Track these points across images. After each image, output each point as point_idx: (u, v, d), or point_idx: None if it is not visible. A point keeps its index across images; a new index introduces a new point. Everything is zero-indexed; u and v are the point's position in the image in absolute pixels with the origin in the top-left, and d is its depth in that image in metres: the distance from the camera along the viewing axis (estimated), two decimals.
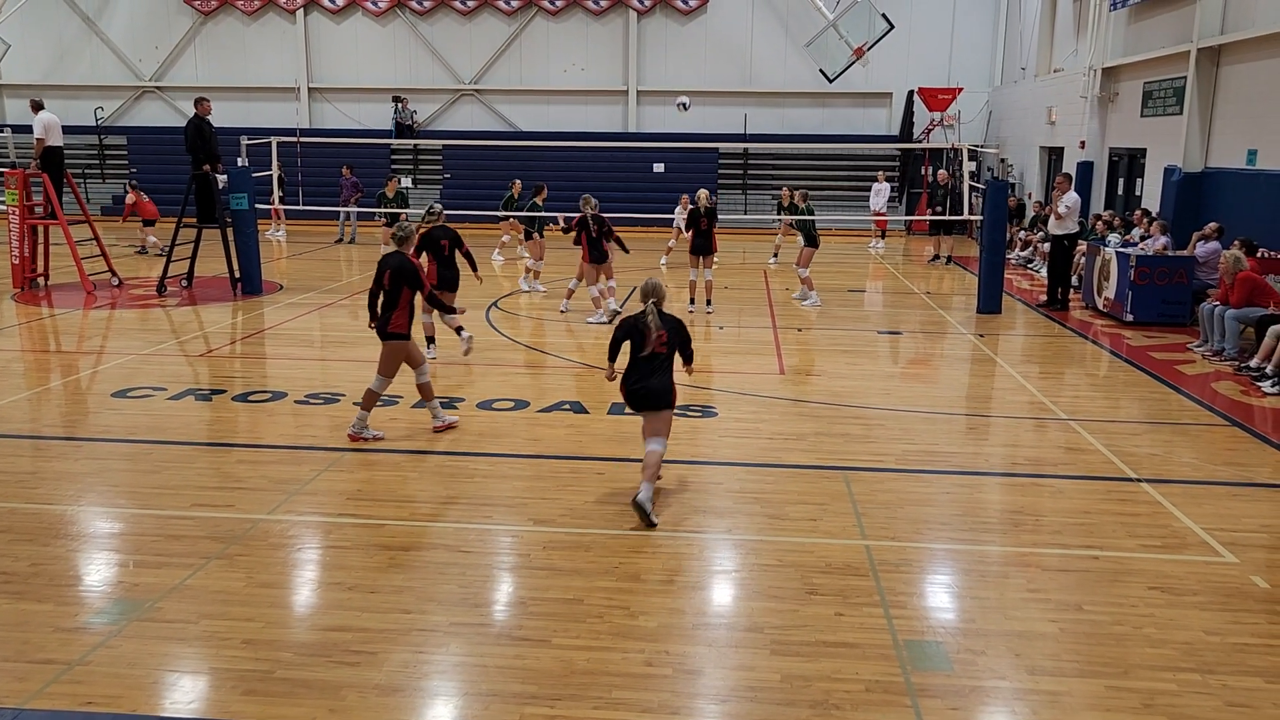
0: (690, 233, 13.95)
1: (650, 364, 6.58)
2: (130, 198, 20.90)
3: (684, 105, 19.28)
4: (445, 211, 11.22)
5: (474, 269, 11.21)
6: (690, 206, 14.56)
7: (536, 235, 15.71)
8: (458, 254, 10.84)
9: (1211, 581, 5.61)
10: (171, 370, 10.40)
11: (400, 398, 9.28)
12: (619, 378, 6.76)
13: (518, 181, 17.94)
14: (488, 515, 6.52)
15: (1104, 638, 4.97)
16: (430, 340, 10.81)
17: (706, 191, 13.97)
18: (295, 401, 9.20)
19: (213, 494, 6.81)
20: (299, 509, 6.55)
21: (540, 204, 15.64)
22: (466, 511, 6.58)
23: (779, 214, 19.67)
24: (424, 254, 10.53)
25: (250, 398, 9.34)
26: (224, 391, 9.56)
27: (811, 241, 14.93)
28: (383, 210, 19.27)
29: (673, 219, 19.23)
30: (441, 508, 6.64)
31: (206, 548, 5.89)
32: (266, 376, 10.36)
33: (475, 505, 6.69)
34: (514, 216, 17.69)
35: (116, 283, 15.55)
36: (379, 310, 8.09)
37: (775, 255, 19.83)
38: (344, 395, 9.39)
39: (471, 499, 6.80)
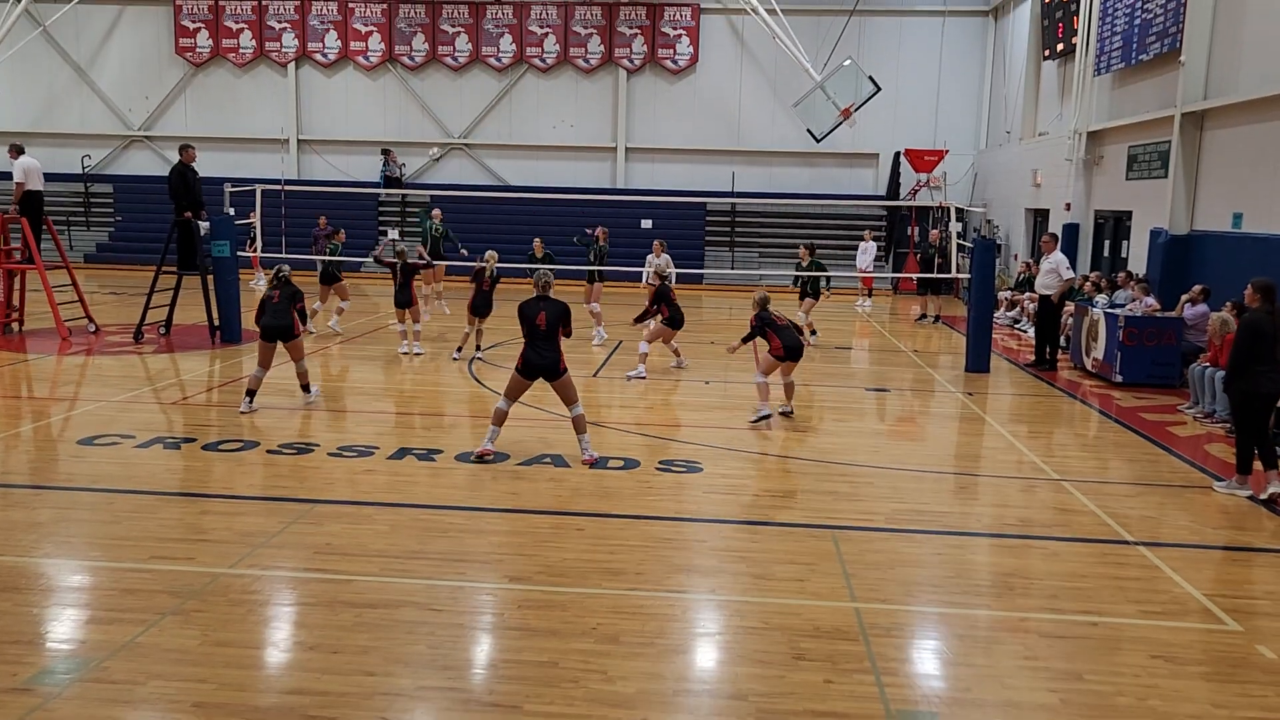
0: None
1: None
2: None
3: (435, 157, 20.08)
4: (435, 263, 11.28)
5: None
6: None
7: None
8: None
9: (1216, 651, 5.38)
10: (143, 418, 10.12)
11: (375, 448, 9.03)
12: None
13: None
14: (461, 571, 6.25)
15: (1107, 710, 4.73)
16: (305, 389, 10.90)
17: (495, 253, 13.80)
18: (267, 451, 8.93)
19: (173, 546, 6.51)
20: (263, 563, 6.26)
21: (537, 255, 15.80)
22: (439, 567, 6.30)
23: (799, 279, 16.95)
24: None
25: (221, 447, 9.06)
26: (194, 440, 9.28)
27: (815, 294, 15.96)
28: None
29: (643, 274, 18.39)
30: (413, 563, 6.36)
31: (162, 603, 5.59)
32: (240, 426, 10.08)
33: (449, 561, 6.42)
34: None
35: (93, 329, 15.30)
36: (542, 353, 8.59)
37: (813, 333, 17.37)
38: (318, 445, 9.13)
39: (445, 554, 6.53)
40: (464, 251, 17.49)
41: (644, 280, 17.76)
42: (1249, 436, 8.27)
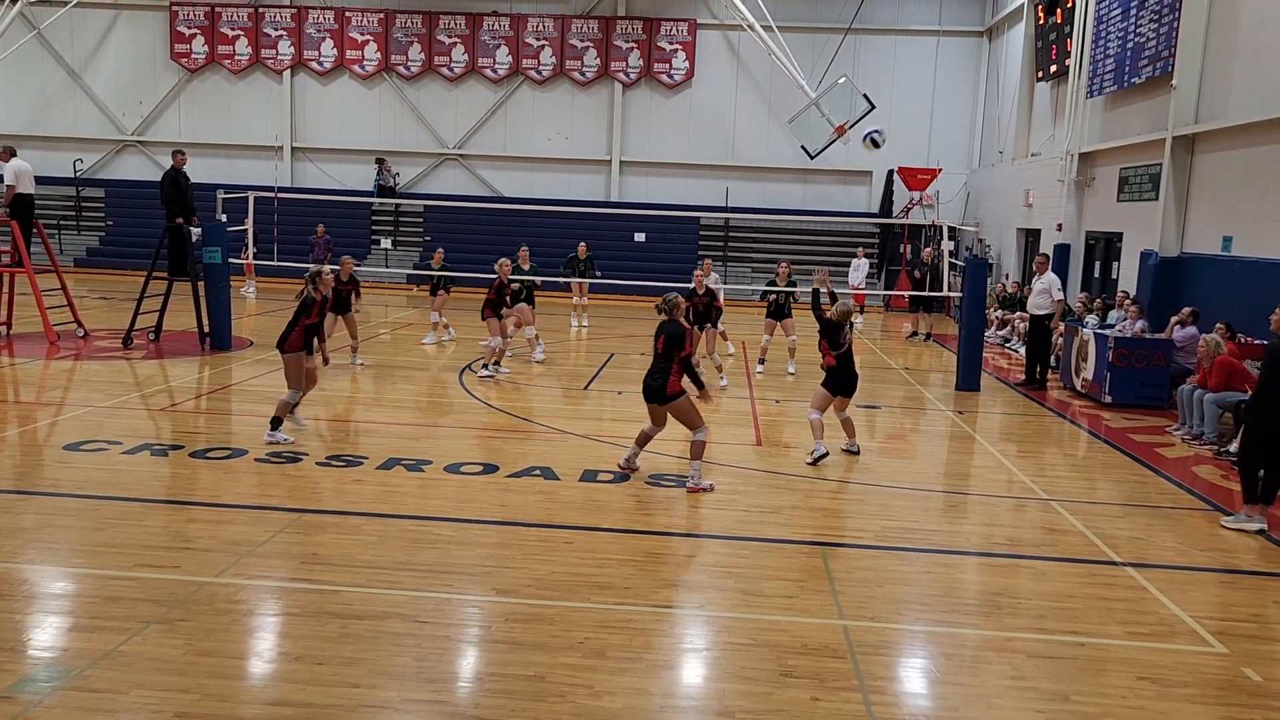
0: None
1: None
2: None
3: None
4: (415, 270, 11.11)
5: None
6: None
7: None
8: None
9: (1202, 673, 5.38)
10: (130, 424, 10.06)
11: (365, 458, 8.99)
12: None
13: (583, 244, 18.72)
14: (449, 584, 6.22)
15: None
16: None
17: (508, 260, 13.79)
18: (256, 459, 8.88)
19: (159, 554, 6.47)
20: (249, 572, 6.22)
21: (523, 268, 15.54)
22: (426, 579, 6.27)
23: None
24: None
25: (209, 454, 9.01)
26: (182, 447, 9.22)
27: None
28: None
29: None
30: (400, 574, 6.32)
31: (146, 611, 5.55)
32: (229, 433, 10.03)
33: (436, 572, 6.38)
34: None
35: (82, 334, 15.23)
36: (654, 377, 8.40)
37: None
38: (306, 454, 9.08)
39: (433, 566, 6.49)
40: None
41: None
42: (1255, 466, 8.00)
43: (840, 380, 9.62)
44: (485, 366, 13.40)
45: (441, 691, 4.87)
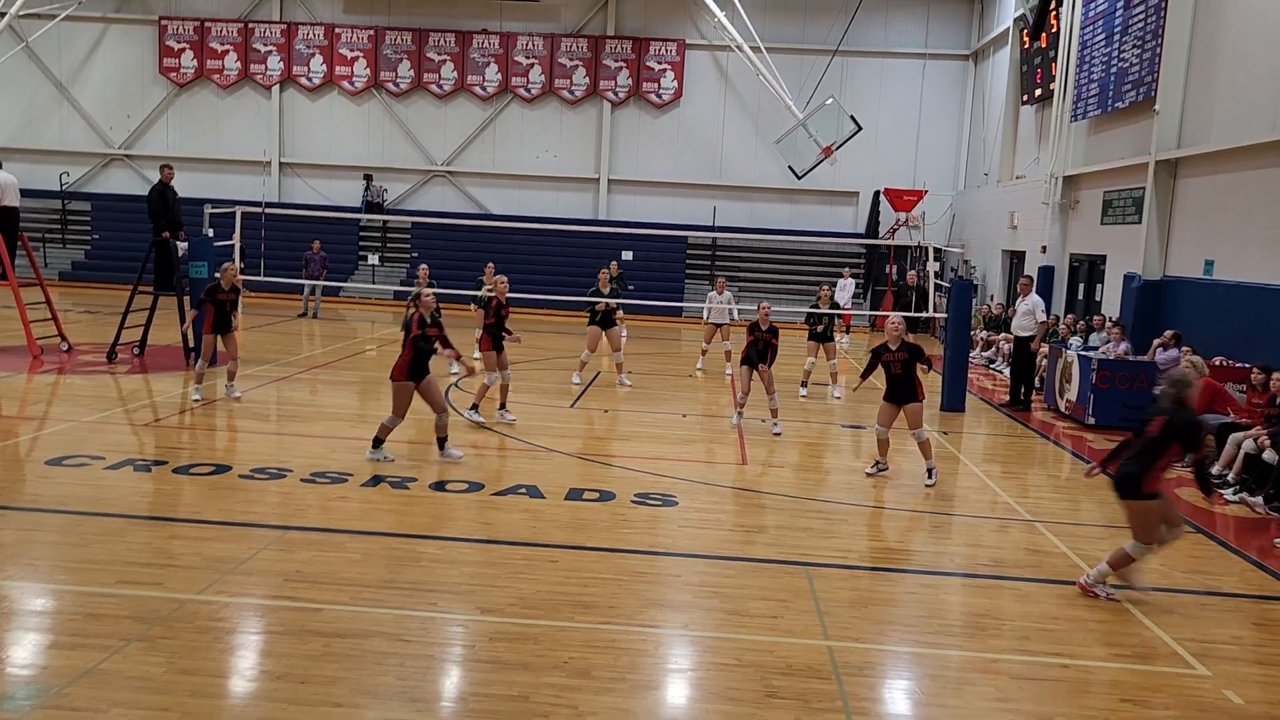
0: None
1: None
2: None
3: None
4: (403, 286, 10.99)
5: None
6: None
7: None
8: None
9: (1185, 695, 5.40)
10: (113, 439, 10.00)
11: (349, 475, 8.96)
12: None
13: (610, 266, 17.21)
14: (433, 602, 6.19)
15: None
16: None
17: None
18: (240, 476, 8.84)
19: (141, 571, 6.42)
20: (232, 589, 6.18)
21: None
22: (410, 597, 6.24)
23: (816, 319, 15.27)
24: None
25: (192, 470, 8.96)
26: (165, 463, 9.17)
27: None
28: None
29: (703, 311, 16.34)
30: (384, 592, 6.29)
31: (128, 629, 5.51)
32: (214, 449, 9.99)
33: (420, 591, 6.36)
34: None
35: (66, 348, 15.14)
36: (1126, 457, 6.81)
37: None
38: (291, 471, 9.04)
39: (417, 584, 6.47)
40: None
41: (705, 318, 16.18)
42: None
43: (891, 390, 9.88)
44: (474, 408, 11.58)
45: (424, 711, 4.85)
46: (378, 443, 9.60)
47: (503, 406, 11.78)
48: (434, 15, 28.66)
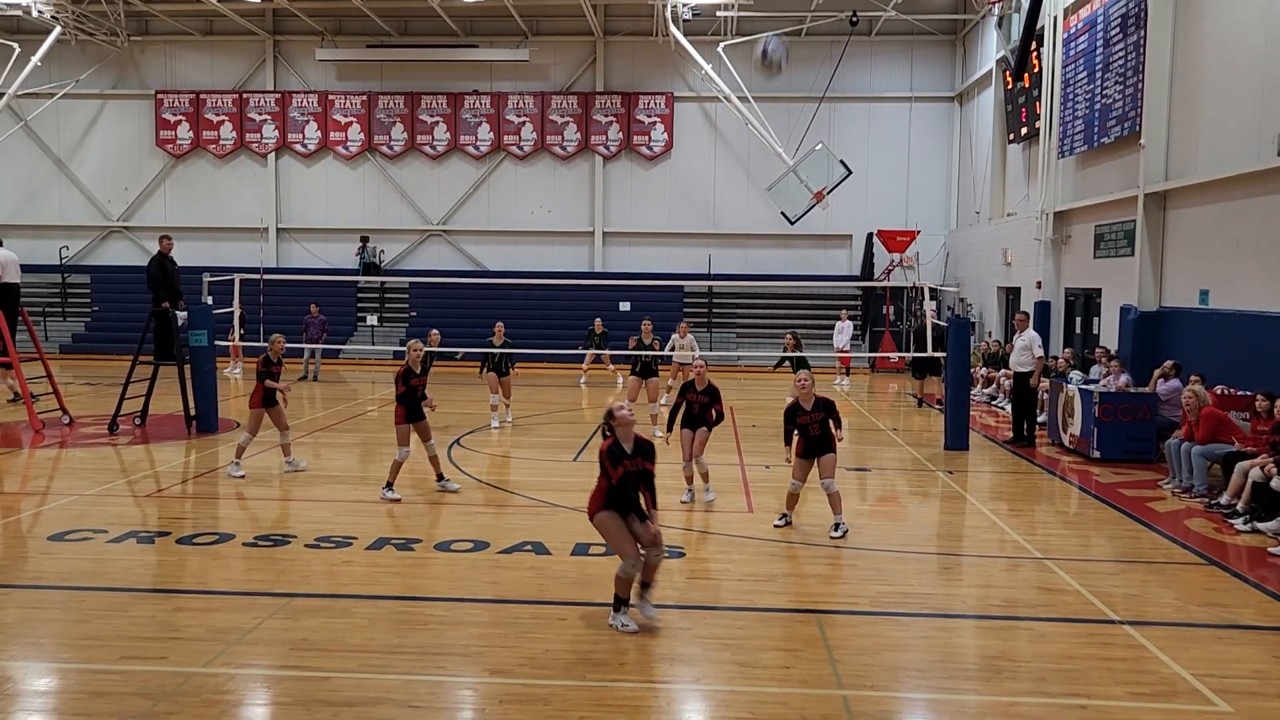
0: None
1: None
2: None
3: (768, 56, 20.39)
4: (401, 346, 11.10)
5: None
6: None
7: (507, 374, 15.61)
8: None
9: None
10: (116, 511, 9.96)
11: (354, 539, 8.91)
12: None
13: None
14: (441, 666, 6.12)
15: None
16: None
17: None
18: (244, 544, 8.78)
19: (145, 645, 6.36)
20: (238, 660, 6.11)
21: (507, 342, 15.63)
22: (419, 662, 6.17)
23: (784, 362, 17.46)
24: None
25: (196, 540, 8.91)
26: (168, 534, 9.12)
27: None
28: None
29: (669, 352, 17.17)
30: (392, 658, 6.22)
31: (133, 705, 5.44)
32: (217, 517, 9.94)
33: (428, 655, 6.29)
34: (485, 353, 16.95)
35: (67, 421, 15.14)
36: None
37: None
38: (295, 536, 8.99)
39: (425, 648, 6.40)
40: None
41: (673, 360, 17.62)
42: None
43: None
44: (389, 487, 10.62)
45: None
46: (389, 485, 10.51)
47: (440, 478, 11.00)
48: (425, 78, 29.08)
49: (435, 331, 16.42)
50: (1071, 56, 18.71)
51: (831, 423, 9.41)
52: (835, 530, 9.30)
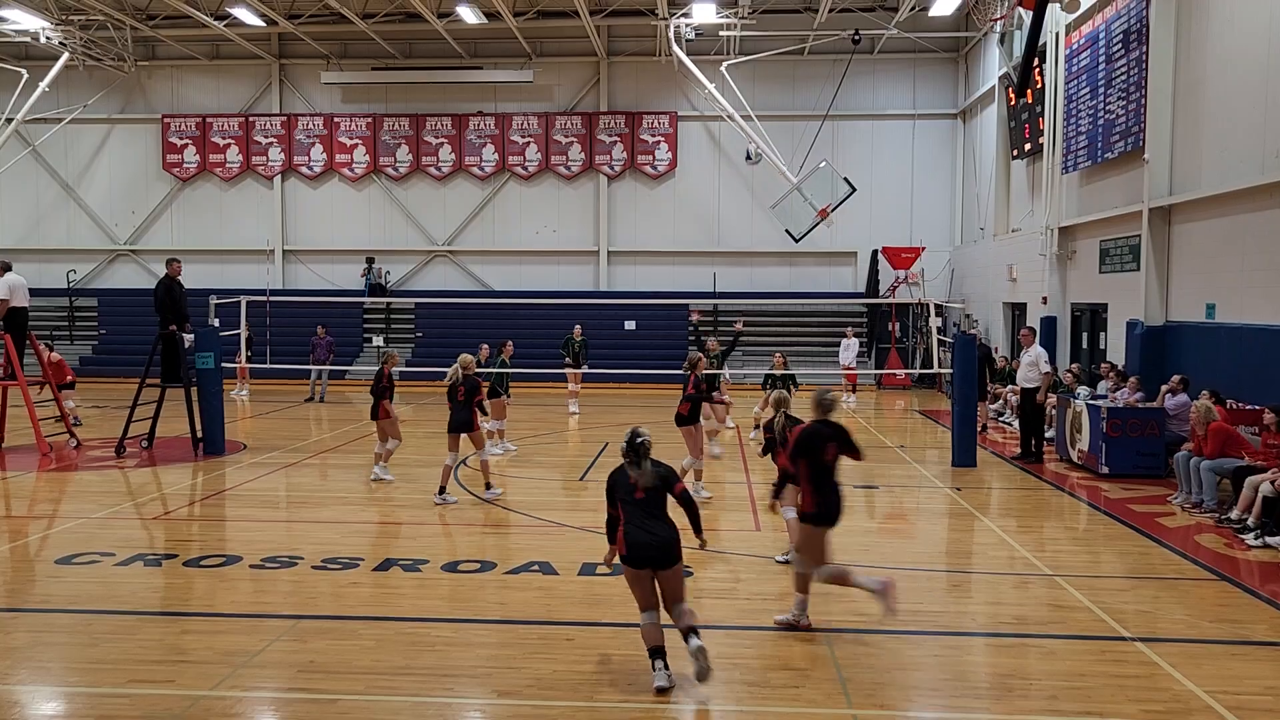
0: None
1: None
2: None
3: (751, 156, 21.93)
4: (408, 367, 11.14)
5: None
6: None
7: (503, 395, 15.27)
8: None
9: None
10: (123, 534, 9.96)
11: (360, 560, 8.90)
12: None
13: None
14: (449, 687, 6.10)
15: None
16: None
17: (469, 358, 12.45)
18: (251, 566, 8.77)
19: (152, 668, 6.34)
20: (245, 683, 6.09)
21: (507, 361, 15.37)
22: (426, 683, 6.15)
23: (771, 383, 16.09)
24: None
25: (203, 562, 8.90)
26: (175, 556, 9.12)
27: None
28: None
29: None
30: (399, 679, 6.20)
31: None
32: (224, 540, 9.94)
33: (436, 676, 6.26)
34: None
35: (74, 444, 15.17)
36: None
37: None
38: (302, 558, 8.98)
39: (432, 669, 6.37)
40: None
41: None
42: None
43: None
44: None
45: None
46: (442, 490, 11.33)
47: (441, 490, 11.49)
48: (430, 100, 29.25)
49: (485, 346, 15.06)
50: (1074, 72, 18.76)
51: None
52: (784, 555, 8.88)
